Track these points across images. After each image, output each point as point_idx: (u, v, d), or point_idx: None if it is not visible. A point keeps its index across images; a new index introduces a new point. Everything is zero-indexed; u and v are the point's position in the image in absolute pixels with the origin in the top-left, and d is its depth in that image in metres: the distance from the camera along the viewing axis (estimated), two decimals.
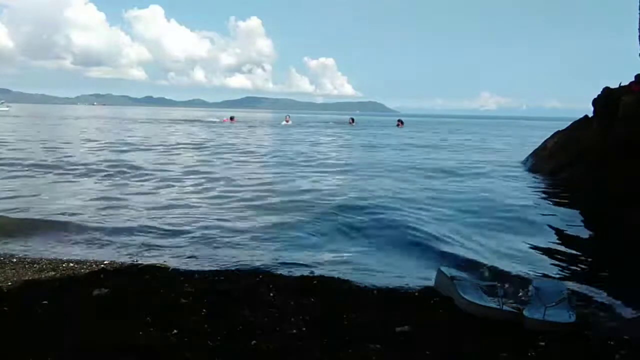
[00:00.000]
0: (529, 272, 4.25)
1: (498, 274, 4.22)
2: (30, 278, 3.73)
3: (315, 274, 3.96)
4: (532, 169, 11.60)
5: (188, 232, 5.71)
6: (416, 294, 3.43)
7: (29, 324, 2.80)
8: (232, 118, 45.78)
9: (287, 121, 43.93)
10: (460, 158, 15.31)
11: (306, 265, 4.49)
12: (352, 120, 46.80)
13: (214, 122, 44.26)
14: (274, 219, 6.35)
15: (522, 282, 3.78)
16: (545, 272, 4.32)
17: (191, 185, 9.05)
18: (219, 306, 3.10)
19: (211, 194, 8.21)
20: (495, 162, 13.77)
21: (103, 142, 18.79)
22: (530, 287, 3.19)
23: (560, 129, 11.68)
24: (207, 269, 4.11)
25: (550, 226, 6.27)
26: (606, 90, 10.04)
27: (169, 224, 6.02)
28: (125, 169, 10.86)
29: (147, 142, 18.86)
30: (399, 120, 43.85)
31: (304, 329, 2.78)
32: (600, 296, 3.67)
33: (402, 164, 13.19)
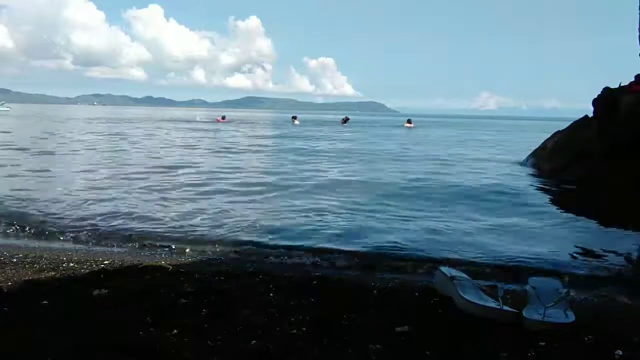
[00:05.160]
0: (527, 271, 4.25)
1: (497, 274, 4.23)
2: (30, 278, 3.73)
3: (315, 274, 3.96)
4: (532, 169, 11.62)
5: (188, 232, 5.72)
6: (416, 294, 3.43)
7: (29, 324, 2.79)
8: (223, 117, 45.86)
9: (293, 122, 44.33)
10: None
11: (306, 265, 4.50)
12: (347, 119, 47.00)
13: (199, 121, 44.02)
14: (275, 220, 6.36)
15: (521, 281, 3.78)
16: (545, 271, 4.33)
17: (194, 186, 9.05)
18: (219, 306, 3.09)
19: (213, 195, 8.21)
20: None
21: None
22: (528, 287, 3.19)
23: (560, 129, 11.70)
24: (207, 269, 4.11)
25: (548, 226, 6.27)
26: (606, 90, 10.06)
27: (169, 225, 6.03)
28: (138, 170, 10.88)
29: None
30: (408, 120, 43.52)
31: (304, 329, 2.78)
32: (599, 295, 3.68)
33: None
